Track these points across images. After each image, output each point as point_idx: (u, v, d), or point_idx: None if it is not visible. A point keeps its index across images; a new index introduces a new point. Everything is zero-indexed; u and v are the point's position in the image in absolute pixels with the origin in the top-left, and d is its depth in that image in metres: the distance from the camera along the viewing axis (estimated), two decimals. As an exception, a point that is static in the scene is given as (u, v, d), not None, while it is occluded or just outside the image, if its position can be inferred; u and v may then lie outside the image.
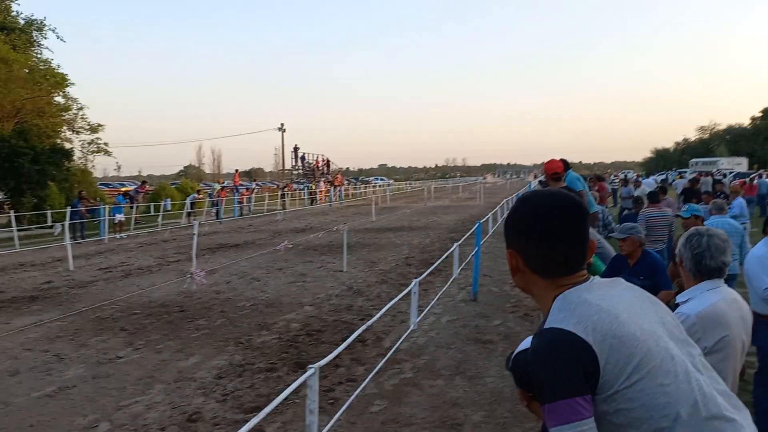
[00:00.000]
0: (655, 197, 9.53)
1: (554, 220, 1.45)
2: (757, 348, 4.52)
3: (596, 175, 23.33)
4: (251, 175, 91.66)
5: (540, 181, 24.23)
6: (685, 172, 55.57)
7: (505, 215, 2.47)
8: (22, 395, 5.70)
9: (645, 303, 1.46)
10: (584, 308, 1.36)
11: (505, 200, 23.29)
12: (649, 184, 24.68)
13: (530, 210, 1.49)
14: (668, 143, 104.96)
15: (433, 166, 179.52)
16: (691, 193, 12.35)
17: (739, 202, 11.65)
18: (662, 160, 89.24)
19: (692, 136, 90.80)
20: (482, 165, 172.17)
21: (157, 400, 5.53)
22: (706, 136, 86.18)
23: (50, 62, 34.20)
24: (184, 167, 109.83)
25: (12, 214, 19.50)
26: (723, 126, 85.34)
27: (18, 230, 18.69)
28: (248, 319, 8.42)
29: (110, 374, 6.24)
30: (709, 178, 29.43)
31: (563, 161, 6.56)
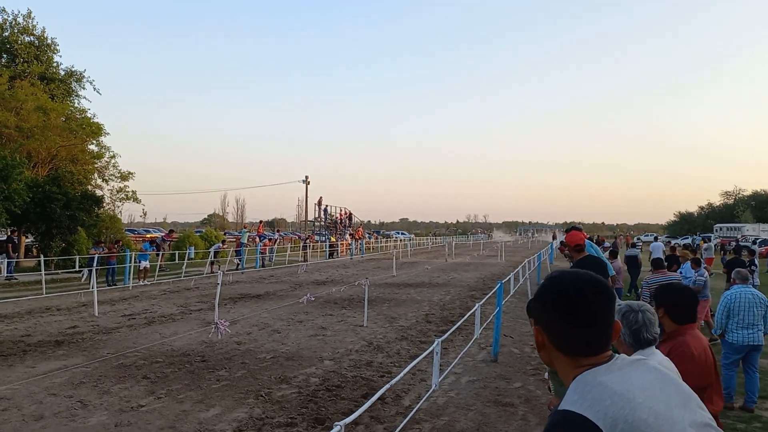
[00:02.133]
0: (659, 264, 9.56)
1: (580, 302, 1.50)
2: None
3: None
4: (274, 225, 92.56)
5: (561, 242, 24.12)
6: (710, 236, 54.94)
7: (533, 289, 2.30)
8: (46, 440, 5.79)
9: (667, 386, 1.49)
10: (598, 392, 1.40)
11: (526, 260, 23.22)
12: (657, 248, 23.72)
13: (557, 290, 1.55)
14: (692, 207, 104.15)
15: (455, 221, 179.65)
16: (672, 260, 12.16)
17: (687, 266, 11.70)
18: (686, 224, 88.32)
19: (717, 200, 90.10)
20: (503, 222, 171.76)
21: (178, 450, 5.58)
22: (731, 201, 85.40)
23: (86, 112, 35.51)
24: (208, 215, 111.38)
25: (42, 258, 19.96)
26: (748, 192, 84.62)
27: (45, 274, 19.08)
28: (268, 371, 8.48)
29: (132, 423, 6.32)
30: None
31: (573, 227, 6.73)
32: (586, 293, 1.51)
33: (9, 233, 24.72)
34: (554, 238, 57.88)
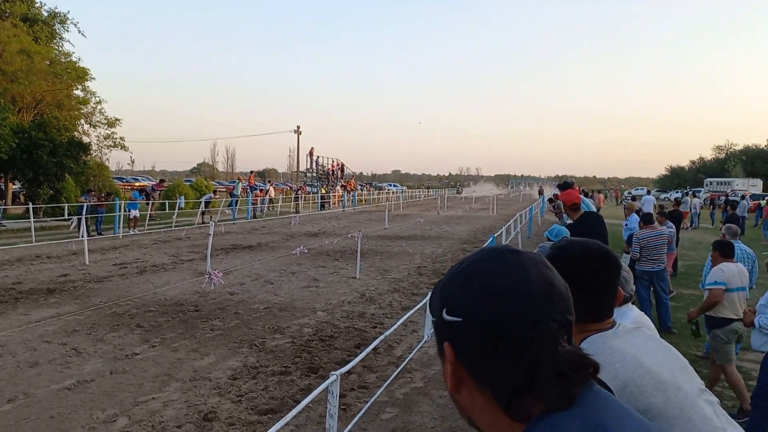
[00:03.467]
0: (648, 219, 9.57)
1: (588, 271, 1.54)
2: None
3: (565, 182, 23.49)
4: (265, 175, 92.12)
5: (550, 199, 24.07)
6: (699, 191, 55.30)
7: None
8: (42, 387, 5.84)
9: (668, 353, 1.54)
10: (609, 355, 1.44)
11: (518, 213, 23.31)
12: (649, 202, 24.01)
13: (565, 260, 1.58)
14: (684, 161, 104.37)
15: (447, 174, 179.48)
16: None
17: (633, 218, 11.76)
18: (677, 178, 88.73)
19: (708, 155, 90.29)
20: (495, 175, 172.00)
21: (174, 397, 5.65)
22: (722, 155, 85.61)
23: (71, 56, 34.66)
24: (198, 164, 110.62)
25: (30, 206, 19.78)
26: (739, 146, 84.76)
27: (34, 222, 18.95)
28: (262, 321, 8.55)
29: (127, 370, 6.38)
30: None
31: (566, 183, 6.63)
32: (592, 263, 1.57)
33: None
34: (541, 193, 54.14)
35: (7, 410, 5.27)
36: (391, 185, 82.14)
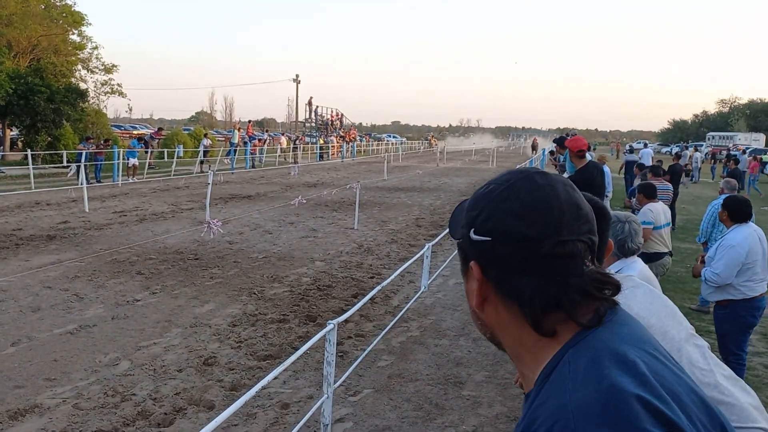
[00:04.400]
0: (656, 171, 9.53)
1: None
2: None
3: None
4: (263, 125, 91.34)
5: (551, 151, 23.86)
6: (701, 145, 55.01)
7: None
8: (45, 331, 5.96)
9: (655, 299, 1.59)
10: None
11: (518, 166, 23.21)
12: (647, 154, 24.02)
13: None
14: (687, 115, 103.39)
15: (447, 125, 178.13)
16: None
17: (607, 171, 11.72)
18: (680, 132, 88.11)
19: (712, 108, 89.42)
20: (497, 127, 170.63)
21: (175, 343, 5.77)
22: (726, 109, 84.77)
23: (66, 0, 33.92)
24: (196, 113, 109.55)
25: (29, 152, 19.70)
26: (744, 100, 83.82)
27: (33, 168, 18.90)
28: (261, 270, 8.65)
29: (129, 316, 6.49)
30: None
31: (562, 137, 6.63)
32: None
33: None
34: (534, 148, 49.63)
35: (11, 353, 5.40)
36: (390, 136, 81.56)
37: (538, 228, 0.87)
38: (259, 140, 36.08)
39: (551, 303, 0.87)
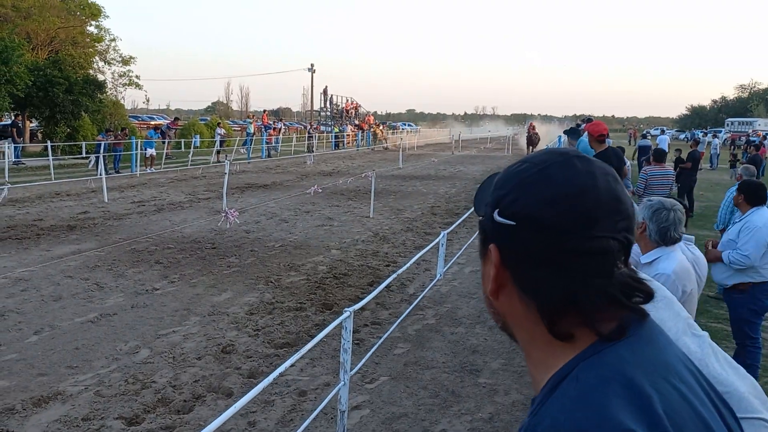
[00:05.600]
0: (660, 156, 9.41)
1: None
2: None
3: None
4: (279, 114, 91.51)
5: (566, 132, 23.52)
6: (720, 131, 54.18)
7: None
8: (66, 320, 6.06)
9: (659, 289, 1.55)
10: None
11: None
12: (663, 141, 24.00)
13: None
14: (705, 101, 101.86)
15: (462, 113, 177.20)
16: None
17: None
18: (697, 118, 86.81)
19: (730, 94, 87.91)
20: (512, 114, 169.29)
21: (193, 331, 5.85)
22: (745, 95, 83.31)
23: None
24: (213, 103, 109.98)
25: (49, 143, 19.93)
26: (764, 85, 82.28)
27: (53, 159, 19.13)
28: (277, 259, 8.71)
29: (148, 304, 6.58)
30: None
31: (573, 129, 6.61)
32: None
33: (13, 117, 24.57)
34: (532, 143, 32.90)
35: (34, 341, 5.50)
36: (405, 124, 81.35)
37: (568, 219, 0.78)
38: (275, 129, 36.19)
39: (571, 304, 0.78)
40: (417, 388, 4.79)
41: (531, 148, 31.96)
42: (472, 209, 7.43)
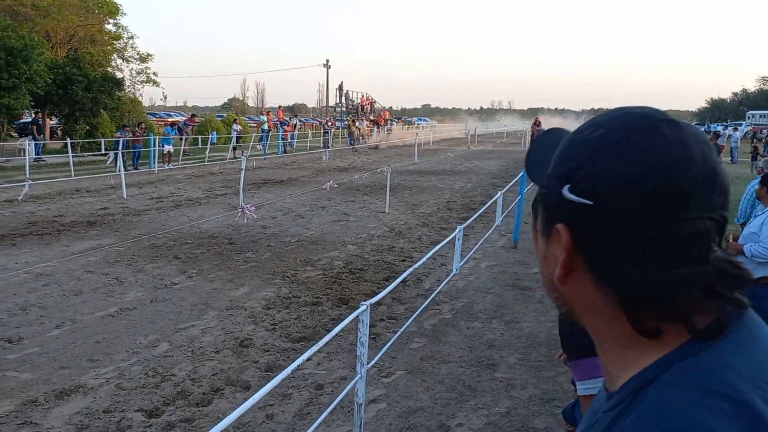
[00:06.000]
0: None
1: None
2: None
3: None
4: (294, 110, 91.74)
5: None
6: (740, 124, 53.36)
7: None
8: (87, 314, 6.15)
9: None
10: None
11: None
12: None
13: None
14: (725, 93, 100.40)
15: (478, 108, 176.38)
16: None
17: None
18: (718, 111, 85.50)
19: (752, 86, 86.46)
20: (529, 109, 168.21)
21: (211, 325, 5.91)
22: (767, 86, 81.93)
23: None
24: (229, 100, 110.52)
25: (68, 141, 20.18)
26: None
27: (72, 156, 19.37)
28: (294, 254, 8.75)
29: (167, 299, 6.66)
30: None
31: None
32: None
33: (33, 115, 24.89)
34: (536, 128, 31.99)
35: (55, 335, 5.59)
36: (420, 120, 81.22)
37: (657, 199, 0.66)
38: (290, 125, 36.30)
39: (659, 295, 0.67)
40: (433, 382, 4.80)
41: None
42: (490, 203, 7.41)
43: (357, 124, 36.35)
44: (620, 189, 0.67)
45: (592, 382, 1.45)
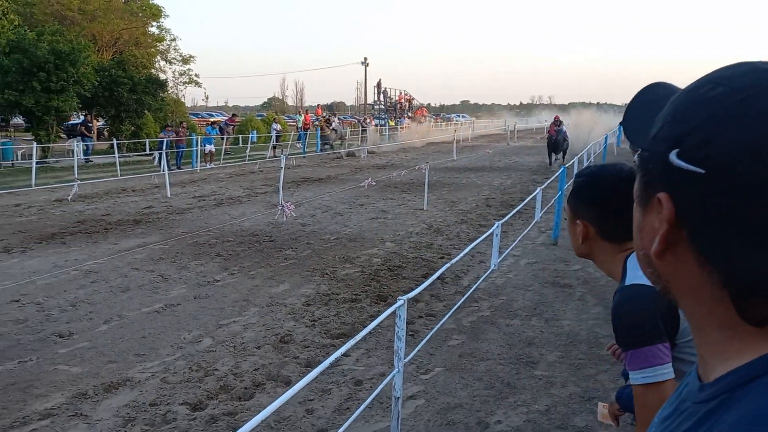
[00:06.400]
0: None
1: (628, 191, 1.56)
2: None
3: None
4: (332, 108, 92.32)
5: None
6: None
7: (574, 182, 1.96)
8: (134, 310, 6.34)
9: None
10: None
11: (591, 143, 22.50)
12: None
13: (604, 184, 1.64)
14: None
15: (518, 103, 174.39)
16: None
17: None
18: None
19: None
20: (569, 103, 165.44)
21: (253, 321, 6.02)
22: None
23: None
24: (268, 99, 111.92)
25: (115, 141, 20.78)
26: None
27: (118, 157, 19.95)
28: (332, 251, 8.84)
29: (210, 295, 6.81)
30: None
31: None
32: (632, 184, 1.55)
33: (83, 117, 25.72)
34: (555, 146, 21.81)
35: (104, 330, 5.78)
36: (459, 116, 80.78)
37: None
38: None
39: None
40: (472, 379, 4.80)
41: (554, 156, 22.00)
42: (528, 199, 7.34)
43: (334, 124, 29.29)
44: (744, 159, 0.57)
45: (651, 370, 1.46)
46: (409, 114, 46.35)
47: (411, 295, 4.06)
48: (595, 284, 7.25)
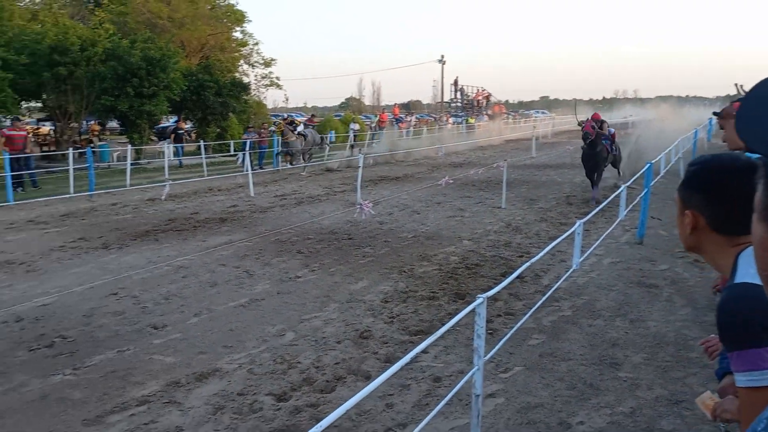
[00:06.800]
0: None
1: (744, 181, 1.49)
2: None
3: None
4: (409, 107, 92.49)
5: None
6: None
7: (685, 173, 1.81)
8: (221, 304, 6.63)
9: None
10: None
11: (679, 138, 21.47)
12: None
13: (719, 172, 1.55)
14: None
15: (600, 98, 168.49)
16: None
17: None
18: None
19: None
20: (656, 96, 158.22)
21: (333, 317, 6.17)
22: None
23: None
24: (346, 99, 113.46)
25: (201, 143, 21.71)
26: None
27: (205, 158, 20.84)
28: (410, 249, 8.90)
29: (292, 291, 7.03)
30: None
31: (717, 114, 5.95)
32: (746, 173, 1.48)
33: (176, 121, 27.05)
34: (593, 154, 13.89)
35: (194, 323, 6.09)
36: (538, 112, 79.06)
37: None
38: (405, 122, 36.70)
39: None
40: (553, 379, 4.73)
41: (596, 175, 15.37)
42: (613, 197, 7.14)
43: (300, 128, 21.97)
44: None
45: (758, 374, 1.40)
46: (488, 112, 45.84)
47: (491, 293, 4.05)
48: (684, 285, 6.96)
